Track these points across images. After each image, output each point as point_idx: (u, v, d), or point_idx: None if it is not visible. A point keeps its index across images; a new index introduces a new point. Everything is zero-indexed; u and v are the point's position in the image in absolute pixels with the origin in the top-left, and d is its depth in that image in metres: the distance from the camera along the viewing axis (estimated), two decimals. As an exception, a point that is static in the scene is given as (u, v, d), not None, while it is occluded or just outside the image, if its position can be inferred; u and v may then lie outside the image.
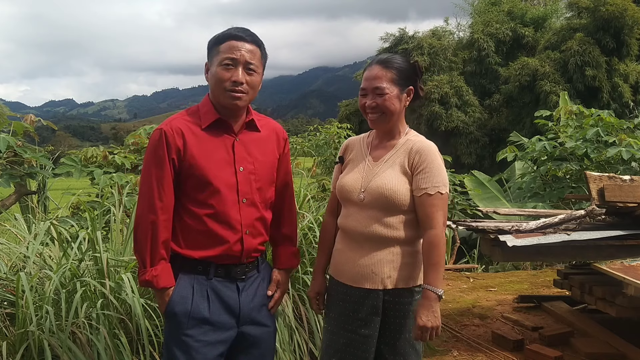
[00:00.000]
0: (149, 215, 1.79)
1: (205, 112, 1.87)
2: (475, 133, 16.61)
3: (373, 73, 1.98)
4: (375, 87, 1.97)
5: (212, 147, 1.83)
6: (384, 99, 1.97)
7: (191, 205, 1.83)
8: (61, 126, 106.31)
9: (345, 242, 2.04)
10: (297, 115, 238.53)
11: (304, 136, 13.92)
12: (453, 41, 19.53)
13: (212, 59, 1.85)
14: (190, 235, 1.83)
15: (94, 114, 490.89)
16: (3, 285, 2.84)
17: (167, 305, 1.82)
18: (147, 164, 1.83)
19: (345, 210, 2.05)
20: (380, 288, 1.94)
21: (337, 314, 2.03)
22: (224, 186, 1.82)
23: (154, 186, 1.79)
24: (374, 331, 1.96)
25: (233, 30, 1.84)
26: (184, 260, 1.84)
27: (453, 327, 3.93)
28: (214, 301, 1.83)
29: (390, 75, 1.97)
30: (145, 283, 1.81)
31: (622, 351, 3.38)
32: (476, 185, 7.75)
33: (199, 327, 1.81)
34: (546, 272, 5.81)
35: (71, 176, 4.47)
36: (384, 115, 1.99)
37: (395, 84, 1.97)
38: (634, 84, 16.38)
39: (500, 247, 3.06)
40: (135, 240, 1.84)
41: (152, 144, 1.82)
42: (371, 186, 1.96)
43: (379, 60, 2.01)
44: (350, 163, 2.10)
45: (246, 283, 1.90)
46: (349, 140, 2.23)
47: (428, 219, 1.91)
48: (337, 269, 2.05)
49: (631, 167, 6.36)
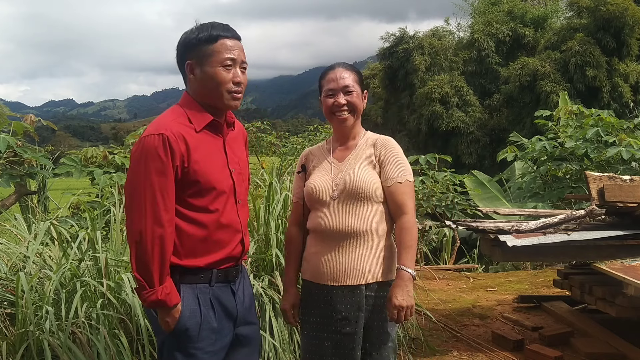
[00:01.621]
0: (156, 229, 1.65)
1: (196, 114, 1.77)
2: (476, 133, 16.60)
3: (339, 74, 2.07)
4: (344, 86, 2.05)
5: (210, 150, 1.78)
6: (353, 96, 2.06)
7: (192, 212, 1.74)
8: (61, 126, 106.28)
9: (320, 244, 2.05)
10: (297, 115, 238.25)
11: (304, 136, 13.90)
12: (453, 41, 19.51)
13: (204, 59, 1.74)
14: (190, 243, 1.75)
15: (94, 114, 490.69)
16: (3, 285, 2.84)
17: (179, 322, 1.72)
18: (145, 171, 1.66)
19: (315, 213, 2.07)
20: (362, 283, 1.98)
21: (317, 317, 2.03)
22: (225, 189, 1.79)
23: (158, 196, 1.65)
24: (358, 328, 1.98)
25: (220, 30, 1.76)
26: (185, 271, 1.75)
27: (453, 327, 3.93)
28: (217, 309, 1.80)
29: (354, 76, 2.08)
30: (156, 303, 1.68)
31: (622, 351, 3.38)
32: (476, 185, 7.76)
33: (209, 338, 1.77)
34: (546, 272, 5.81)
35: (71, 176, 4.47)
36: (353, 113, 2.07)
37: (359, 85, 2.09)
38: (634, 84, 16.36)
39: (500, 247, 3.06)
40: (139, 258, 1.67)
41: (151, 150, 1.66)
42: (343, 182, 2.02)
43: (340, 64, 2.10)
44: (316, 169, 2.14)
45: (237, 284, 1.88)
46: (307, 150, 2.28)
47: (400, 205, 2.01)
48: (315, 272, 2.05)
49: (631, 167, 6.35)
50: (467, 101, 16.78)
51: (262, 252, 3.27)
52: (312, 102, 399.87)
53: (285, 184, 3.76)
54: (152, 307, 1.74)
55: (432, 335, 3.74)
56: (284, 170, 5.07)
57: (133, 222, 1.68)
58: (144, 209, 1.66)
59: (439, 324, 3.92)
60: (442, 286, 5.20)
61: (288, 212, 3.48)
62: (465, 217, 6.24)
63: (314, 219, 2.07)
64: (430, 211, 6.37)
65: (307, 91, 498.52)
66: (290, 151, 10.99)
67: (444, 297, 4.74)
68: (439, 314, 4.18)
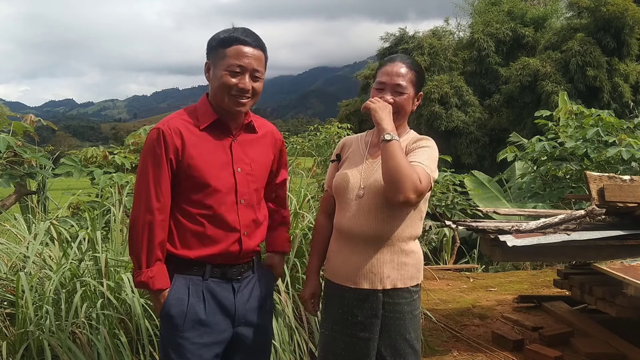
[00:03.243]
0: (146, 215, 1.76)
1: (204, 113, 1.85)
2: (476, 133, 16.61)
3: (396, 69, 1.93)
4: (397, 84, 1.93)
5: (210, 148, 1.82)
6: (403, 98, 1.93)
7: (188, 205, 1.81)
8: (61, 126, 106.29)
9: (340, 243, 2.00)
10: (297, 115, 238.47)
11: (304, 136, 13.91)
12: (453, 41, 19.53)
13: (217, 61, 1.81)
14: (186, 235, 1.81)
15: (94, 114, 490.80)
16: (3, 285, 2.84)
17: (163, 307, 1.80)
18: (144, 163, 1.81)
19: (341, 209, 2.00)
20: (379, 288, 1.91)
21: (334, 317, 1.99)
22: (222, 187, 1.81)
23: (151, 186, 1.77)
24: (374, 334, 1.92)
25: (239, 34, 1.80)
26: (179, 261, 1.82)
27: (453, 327, 3.93)
28: (209, 302, 1.82)
29: (411, 76, 1.94)
30: (140, 284, 1.79)
31: (622, 351, 3.38)
32: (476, 185, 7.76)
33: (195, 329, 1.80)
34: (546, 272, 5.81)
35: (71, 176, 4.47)
36: (398, 114, 1.94)
37: (413, 86, 1.96)
38: (634, 84, 16.38)
39: (500, 247, 3.06)
40: (131, 241, 1.81)
41: (149, 143, 1.80)
42: (371, 182, 1.92)
43: (402, 58, 1.97)
44: (347, 161, 2.06)
45: (241, 284, 1.89)
46: (345, 139, 2.18)
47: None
48: (333, 271, 2.01)
49: (631, 167, 6.35)
50: (467, 101, 16.78)
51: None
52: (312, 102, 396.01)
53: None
54: (138, 287, 1.90)
55: (432, 335, 3.74)
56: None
57: (133, 208, 1.83)
58: (140, 196, 1.79)
59: (439, 324, 3.92)
60: (442, 286, 5.20)
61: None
62: (465, 217, 6.25)
63: (337, 216, 2.02)
64: (430, 211, 6.37)
65: (307, 91, 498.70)
66: (290, 151, 11.00)
67: (444, 297, 4.74)
68: (439, 314, 4.18)
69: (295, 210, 3.47)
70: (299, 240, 3.24)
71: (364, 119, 20.86)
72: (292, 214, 3.48)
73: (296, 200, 3.58)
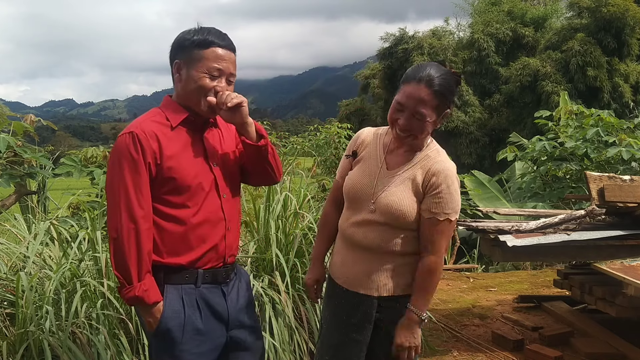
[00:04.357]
0: (130, 225, 1.67)
1: (173, 111, 1.80)
2: (475, 133, 16.62)
3: (419, 94, 1.78)
4: (417, 111, 1.79)
5: (185, 147, 1.78)
6: (422, 125, 1.82)
7: (170, 209, 1.74)
8: (61, 126, 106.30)
9: (342, 244, 1.99)
10: (297, 115, 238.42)
11: (304, 136, 13.90)
12: (453, 41, 19.52)
13: (193, 62, 1.75)
14: (172, 241, 1.75)
15: (94, 114, 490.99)
16: (3, 285, 2.84)
17: (160, 322, 1.72)
18: (118, 169, 1.70)
19: (348, 211, 1.98)
20: (374, 295, 1.89)
21: (331, 314, 2.01)
22: (205, 185, 1.79)
23: (132, 193, 1.67)
24: (365, 338, 1.91)
25: (214, 36, 1.76)
26: (169, 270, 1.76)
27: (453, 327, 3.93)
28: (204, 310, 1.79)
29: (434, 103, 1.79)
30: (133, 300, 1.68)
31: (622, 351, 3.38)
32: (476, 185, 7.75)
33: (193, 340, 1.76)
34: (546, 272, 5.81)
35: (71, 176, 4.46)
36: (414, 137, 1.85)
37: (435, 111, 1.81)
38: (635, 84, 16.39)
39: (500, 247, 3.06)
40: (116, 255, 1.68)
41: (123, 149, 1.70)
42: (381, 200, 1.86)
43: (428, 80, 1.78)
44: (362, 162, 1.98)
45: (229, 287, 1.88)
46: (364, 134, 2.04)
47: (430, 243, 1.84)
48: (334, 270, 2.02)
49: (631, 167, 6.35)
50: (467, 101, 16.78)
51: (262, 252, 3.27)
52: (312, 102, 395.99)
53: (285, 184, 3.76)
54: (132, 304, 1.76)
55: (432, 335, 3.74)
56: (284, 170, 5.06)
57: (110, 219, 1.71)
58: (118, 206, 1.68)
59: (439, 324, 3.92)
60: (442, 286, 5.19)
61: (288, 212, 3.48)
62: (465, 217, 6.24)
63: (343, 216, 1.99)
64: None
65: (307, 91, 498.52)
66: (290, 151, 10.98)
67: (444, 297, 4.74)
68: (439, 314, 4.18)
69: (295, 210, 3.47)
70: (299, 240, 3.24)
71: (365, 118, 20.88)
72: (292, 214, 3.48)
73: (296, 200, 3.58)
